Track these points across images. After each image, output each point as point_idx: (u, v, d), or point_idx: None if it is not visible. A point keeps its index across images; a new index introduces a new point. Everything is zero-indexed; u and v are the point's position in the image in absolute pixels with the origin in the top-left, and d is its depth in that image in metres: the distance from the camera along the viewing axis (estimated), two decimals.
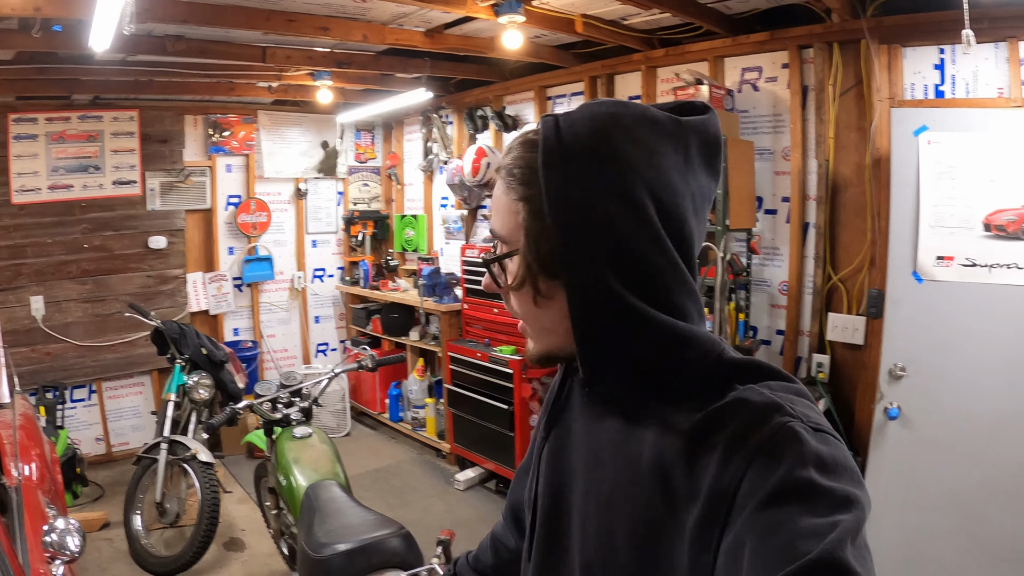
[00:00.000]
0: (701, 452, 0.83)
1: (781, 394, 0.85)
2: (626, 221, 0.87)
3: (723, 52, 4.52)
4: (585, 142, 0.89)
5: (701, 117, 0.94)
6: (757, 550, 0.72)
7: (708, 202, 0.96)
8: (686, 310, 0.92)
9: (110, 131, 6.01)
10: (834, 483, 0.74)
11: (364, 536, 2.70)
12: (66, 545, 2.22)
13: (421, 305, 6.11)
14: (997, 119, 3.43)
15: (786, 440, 0.78)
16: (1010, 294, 3.43)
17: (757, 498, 0.75)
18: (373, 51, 5.31)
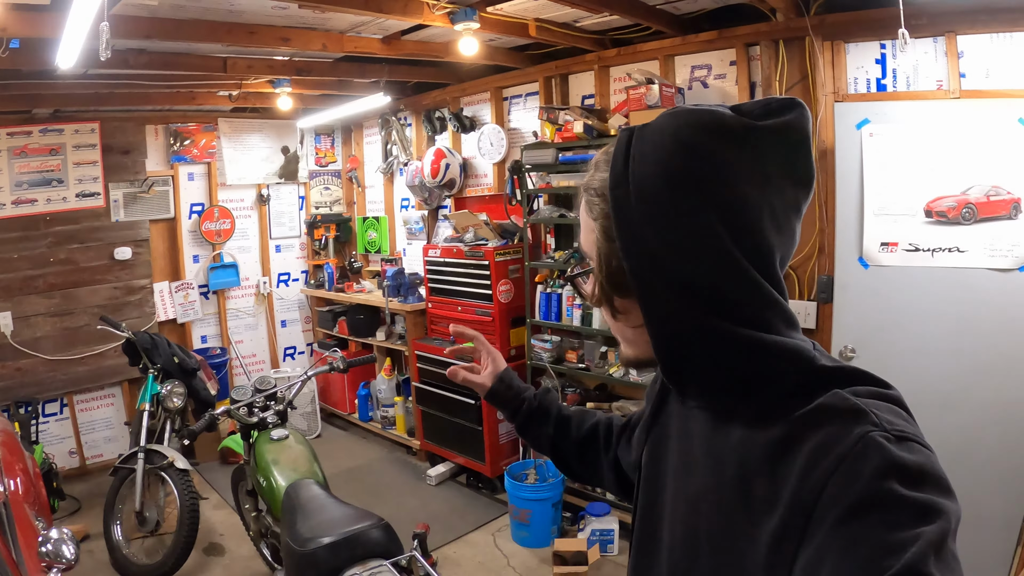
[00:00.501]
0: (783, 461, 0.81)
1: (867, 400, 0.81)
2: (697, 248, 0.86)
3: (673, 51, 4.60)
4: (652, 164, 0.88)
5: (780, 119, 0.89)
6: (838, 565, 0.70)
7: (794, 211, 0.92)
8: (769, 323, 0.89)
9: (72, 144, 5.92)
10: (918, 493, 0.72)
11: (346, 529, 2.76)
12: (62, 554, 2.25)
13: (386, 305, 6.13)
14: (936, 111, 3.55)
15: (868, 451, 0.75)
16: (952, 276, 3.56)
17: (837, 512, 0.73)
18: (332, 58, 5.31)
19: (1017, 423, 3.54)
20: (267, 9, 4.01)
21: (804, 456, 0.79)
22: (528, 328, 5.14)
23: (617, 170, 0.90)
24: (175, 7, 3.86)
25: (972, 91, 3.54)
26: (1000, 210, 3.44)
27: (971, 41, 3.54)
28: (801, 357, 0.88)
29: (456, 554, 4.62)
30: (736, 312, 0.88)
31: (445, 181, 5.90)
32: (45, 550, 2.26)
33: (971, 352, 3.58)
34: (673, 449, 1.06)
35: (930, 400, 3.64)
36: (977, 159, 3.45)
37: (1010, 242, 3.45)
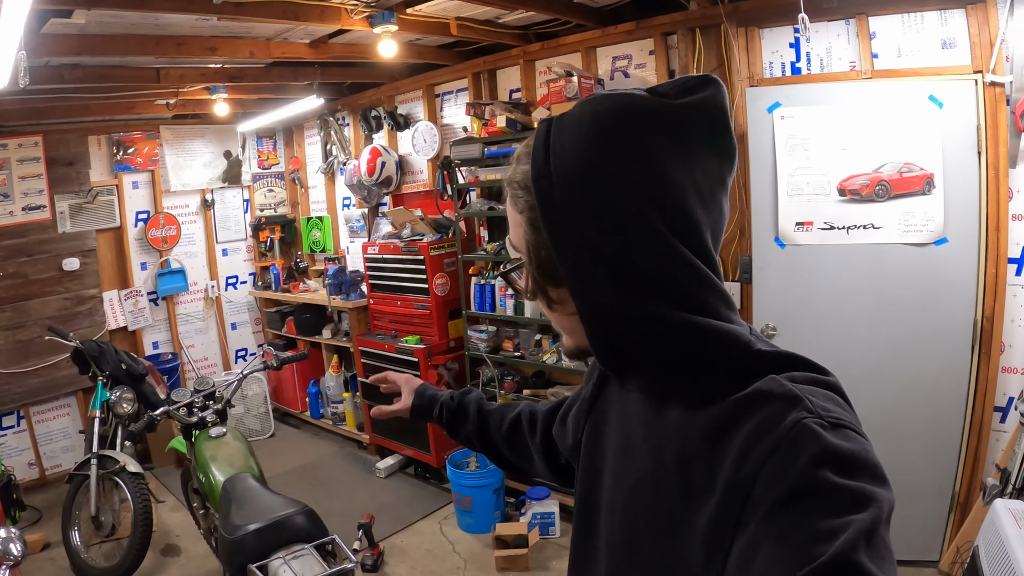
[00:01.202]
0: (719, 445, 0.78)
1: (803, 386, 0.78)
2: (624, 232, 0.81)
3: (594, 43, 4.46)
4: (572, 152, 0.82)
5: (697, 96, 0.84)
6: (771, 553, 0.68)
7: (720, 185, 0.86)
8: (705, 302, 0.84)
9: (16, 158, 5.63)
10: (851, 481, 0.69)
11: (271, 515, 2.78)
12: (9, 551, 2.34)
13: (329, 303, 5.94)
14: (848, 91, 3.47)
15: (802, 438, 0.71)
16: (868, 252, 3.49)
17: (771, 499, 0.70)
18: (263, 64, 5.11)
19: (940, 394, 3.49)
20: (191, 21, 3.90)
21: (739, 441, 0.75)
22: (464, 319, 5.00)
23: (538, 161, 0.85)
24: (102, 24, 3.74)
25: (884, 71, 3.46)
26: (913, 186, 3.36)
27: (883, 22, 3.46)
28: (738, 341, 0.83)
29: (403, 543, 4.48)
30: (670, 294, 0.83)
31: (382, 179, 5.72)
32: None
33: (890, 326, 3.52)
34: (612, 434, 1.02)
35: (853, 374, 3.51)
36: (890, 137, 3.38)
37: (924, 217, 3.38)
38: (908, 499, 3.53)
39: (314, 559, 2.64)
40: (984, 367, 3.43)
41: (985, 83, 3.19)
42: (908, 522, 3.54)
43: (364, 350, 5.61)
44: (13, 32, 2.81)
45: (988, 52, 3.17)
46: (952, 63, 3.29)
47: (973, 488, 3.51)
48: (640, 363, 0.88)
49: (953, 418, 3.49)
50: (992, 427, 3.47)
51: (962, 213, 3.32)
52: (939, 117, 3.27)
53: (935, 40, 3.32)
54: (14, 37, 2.86)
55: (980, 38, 3.18)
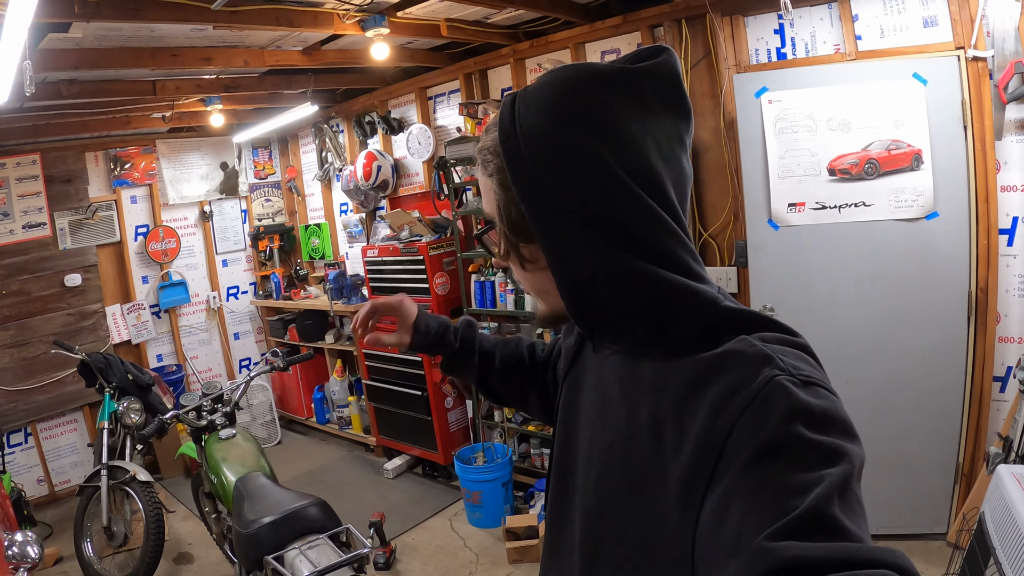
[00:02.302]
0: (691, 405, 0.79)
1: (774, 346, 0.79)
2: (587, 178, 0.84)
3: (583, 39, 4.51)
4: (536, 112, 0.86)
5: (652, 61, 0.88)
6: (745, 507, 0.68)
7: (678, 142, 0.89)
8: (678, 257, 0.87)
9: (14, 177, 5.69)
10: (822, 437, 0.70)
11: (285, 508, 2.84)
12: (27, 554, 2.40)
13: (331, 308, 5.98)
14: (833, 73, 3.51)
15: (774, 394, 0.73)
16: (860, 230, 3.54)
17: (745, 455, 0.71)
18: (257, 73, 5.16)
19: (939, 367, 3.53)
20: (187, 32, 3.95)
21: (711, 399, 0.76)
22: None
23: (505, 124, 0.89)
24: (98, 37, 3.80)
25: (868, 52, 3.52)
26: (902, 163, 3.41)
27: (865, 4, 3.51)
28: (705, 296, 0.86)
29: (415, 540, 4.51)
30: (637, 243, 0.85)
31: (378, 183, 5.77)
32: (12, 552, 2.39)
33: (886, 301, 3.56)
34: (587, 397, 1.03)
35: (850, 351, 3.62)
36: (877, 116, 3.42)
37: (914, 192, 3.42)
38: (912, 473, 3.58)
39: (330, 548, 2.68)
40: (981, 338, 3.47)
41: (967, 59, 3.24)
42: (913, 496, 3.59)
43: (368, 352, 5.65)
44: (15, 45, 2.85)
45: (969, 28, 3.22)
46: (935, 41, 3.34)
47: (977, 459, 3.54)
48: (610, 319, 0.91)
49: (953, 390, 3.53)
50: (992, 397, 3.52)
51: (951, 187, 3.37)
52: (924, 94, 3.32)
53: (917, 19, 3.37)
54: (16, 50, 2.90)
55: (961, 15, 3.23)
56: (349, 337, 6.14)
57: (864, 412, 3.57)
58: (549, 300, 0.98)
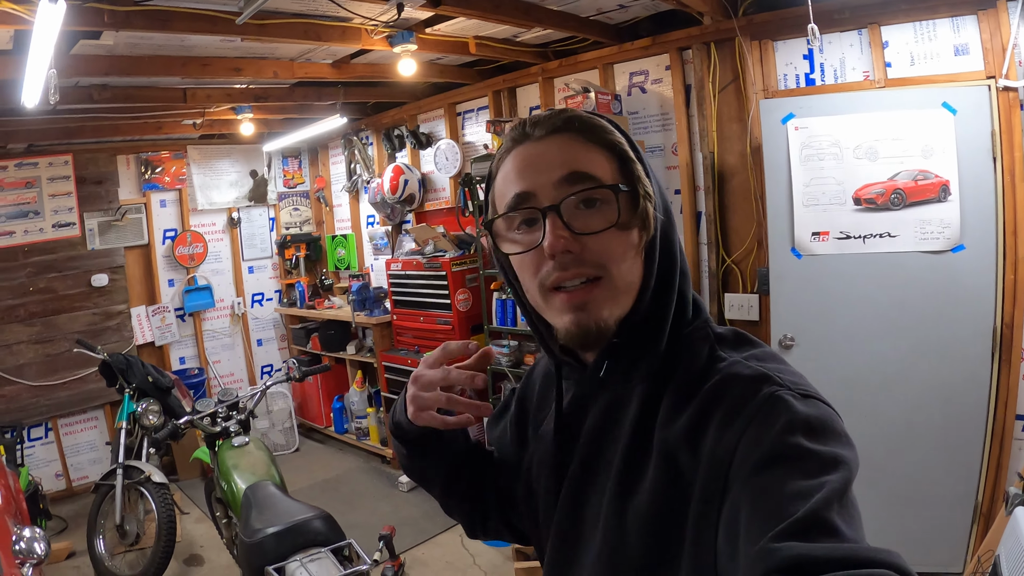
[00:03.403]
0: (698, 432, 0.82)
1: (768, 364, 0.85)
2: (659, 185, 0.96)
3: (611, 59, 4.51)
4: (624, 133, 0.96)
5: None
6: (750, 515, 0.71)
7: None
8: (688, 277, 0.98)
9: (46, 176, 5.81)
10: (822, 446, 0.74)
11: (290, 519, 2.84)
12: (33, 550, 2.44)
13: (353, 319, 6.00)
14: (861, 101, 3.46)
15: (775, 408, 0.77)
16: (885, 261, 3.47)
17: (749, 465, 0.74)
18: (287, 84, 5.21)
19: (961, 403, 3.44)
20: (216, 43, 4.01)
21: (717, 423, 0.80)
22: (487, 334, 5.01)
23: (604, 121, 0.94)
24: (129, 45, 3.86)
25: (898, 79, 3.47)
26: (928, 193, 3.35)
27: (895, 31, 3.47)
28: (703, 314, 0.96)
29: (425, 555, 4.49)
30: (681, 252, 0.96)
31: (404, 197, 5.79)
32: (19, 547, 2.44)
33: (909, 335, 3.48)
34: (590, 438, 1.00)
35: (870, 383, 3.55)
36: (904, 145, 3.37)
37: (941, 224, 3.36)
38: (929, 509, 3.49)
39: (330, 562, 2.67)
40: (1005, 375, 3.38)
41: (998, 88, 3.18)
42: (930, 532, 3.50)
43: (388, 365, 5.66)
44: (44, 53, 2.93)
45: (1001, 57, 3.16)
46: (965, 69, 3.28)
47: (996, 498, 3.45)
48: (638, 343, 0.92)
49: (974, 427, 3.43)
50: (1014, 436, 3.42)
51: (979, 219, 3.30)
52: (953, 124, 3.26)
53: (948, 47, 3.32)
54: (45, 58, 2.99)
55: (992, 43, 3.18)
56: (370, 348, 6.15)
57: (883, 445, 3.50)
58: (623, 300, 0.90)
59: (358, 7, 3.57)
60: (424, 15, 3.82)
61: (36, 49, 2.94)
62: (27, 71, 3.23)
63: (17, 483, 3.87)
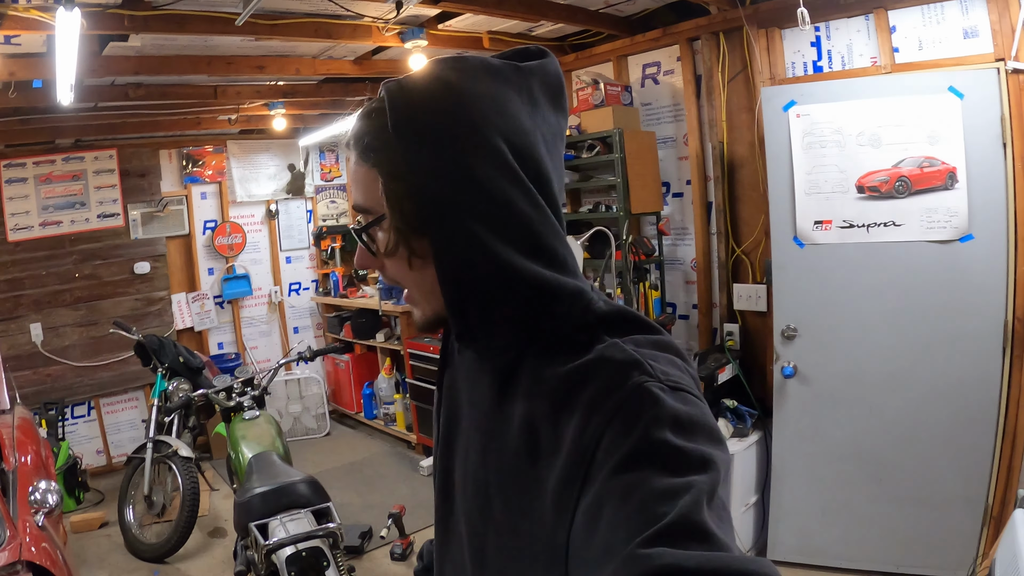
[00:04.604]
0: (564, 410, 0.78)
1: (645, 350, 0.79)
2: (484, 168, 0.80)
3: (624, 51, 4.41)
4: (431, 100, 0.82)
5: (540, 61, 0.88)
6: (615, 512, 0.67)
7: (559, 139, 0.89)
8: (558, 255, 0.84)
9: (92, 170, 5.98)
10: (689, 443, 0.70)
11: (276, 481, 2.95)
12: (46, 500, 2.64)
13: (380, 307, 6.01)
14: (864, 87, 3.31)
15: (643, 400, 0.72)
16: (889, 251, 3.31)
17: (614, 460, 0.70)
18: (314, 81, 5.24)
19: (970, 400, 3.25)
20: (237, 42, 4.08)
21: (583, 405, 0.75)
22: None
23: (399, 109, 0.82)
24: (156, 46, 3.97)
25: (906, 64, 3.32)
26: (935, 181, 3.17)
27: (902, 15, 3.32)
28: (581, 299, 0.85)
29: None
30: (524, 238, 0.82)
31: None
32: (33, 498, 2.62)
33: (914, 327, 3.31)
34: (463, 404, 0.99)
35: (875, 378, 3.39)
36: (909, 132, 3.20)
37: (947, 213, 3.18)
38: (936, 511, 3.31)
39: (307, 521, 2.76)
40: (1017, 371, 3.18)
41: (1008, 71, 2.99)
42: (937, 535, 3.32)
43: (412, 352, 5.65)
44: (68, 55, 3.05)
45: (1010, 39, 2.99)
46: (974, 52, 3.11)
47: (1008, 501, 3.25)
48: (489, 318, 0.86)
49: (984, 426, 3.23)
50: None
51: (988, 208, 3.11)
52: (960, 108, 3.07)
53: (956, 30, 3.15)
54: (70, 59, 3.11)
55: (1001, 24, 3.00)
56: (399, 336, 6.14)
57: (887, 443, 3.34)
58: (432, 301, 0.90)
59: (363, 7, 3.61)
60: (432, 12, 3.80)
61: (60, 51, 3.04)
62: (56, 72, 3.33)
63: (48, 451, 4.00)
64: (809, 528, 3.58)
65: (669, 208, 4.38)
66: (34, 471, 3.38)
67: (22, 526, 2.45)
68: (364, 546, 4.30)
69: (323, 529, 2.68)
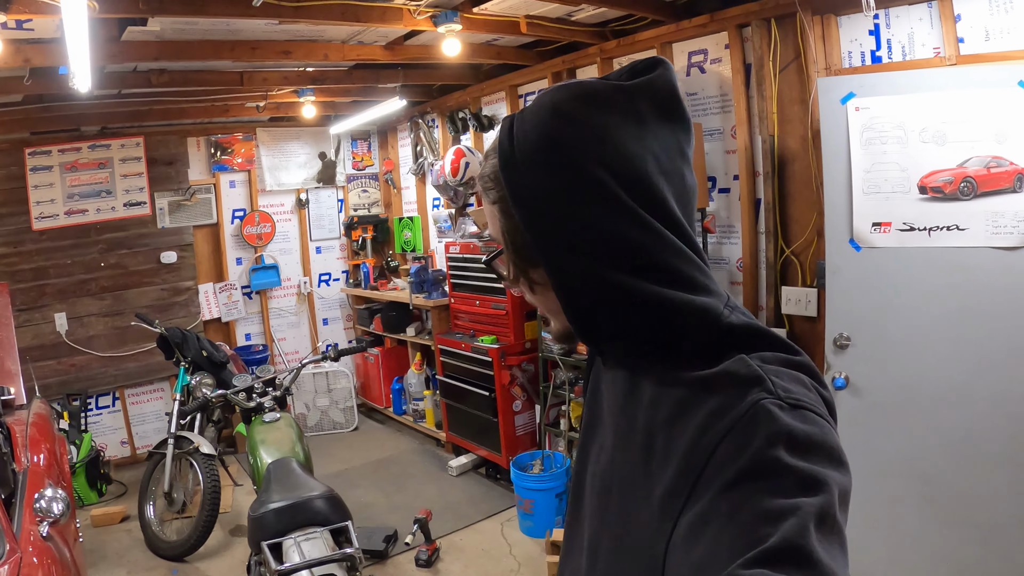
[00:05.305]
0: (680, 421, 0.79)
1: (770, 366, 0.79)
2: (585, 201, 0.83)
3: (669, 38, 4.24)
4: (532, 137, 0.85)
5: (647, 76, 0.87)
6: (719, 530, 0.68)
7: (678, 153, 0.88)
8: (682, 273, 0.85)
9: (118, 157, 5.99)
10: (802, 463, 0.69)
11: (293, 497, 2.82)
12: (51, 510, 2.54)
13: (411, 301, 5.93)
14: (928, 79, 3.09)
15: (758, 418, 0.72)
16: (951, 256, 3.10)
17: (724, 478, 0.71)
18: (345, 66, 5.15)
19: None
20: (261, 26, 3.96)
21: (699, 419, 0.77)
22: (540, 321, 4.86)
23: (504, 151, 0.88)
24: (176, 30, 3.87)
25: (970, 56, 3.09)
26: (1002, 183, 2.97)
27: (968, 3, 3.09)
28: (707, 315, 0.84)
29: (462, 541, 4.40)
30: (639, 263, 0.83)
31: (465, 179, 5.64)
32: (38, 506, 2.54)
33: (974, 339, 3.10)
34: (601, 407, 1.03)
35: (930, 393, 3.20)
36: (976, 129, 2.98)
37: (1015, 218, 2.97)
38: (990, 534, 3.11)
39: (323, 542, 2.64)
40: None
41: None
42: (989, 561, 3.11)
43: (443, 348, 5.57)
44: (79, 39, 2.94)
45: None
46: None
47: None
48: (615, 338, 0.90)
49: None
50: None
51: None
52: None
53: None
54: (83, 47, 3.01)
55: None
56: (429, 331, 6.07)
57: (941, 461, 3.16)
58: (561, 319, 0.94)
59: None
60: None
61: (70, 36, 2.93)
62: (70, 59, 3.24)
63: (63, 448, 4.01)
64: (853, 547, 3.39)
65: (715, 204, 4.23)
66: (47, 471, 3.37)
67: (24, 538, 2.40)
68: (388, 550, 4.24)
69: (340, 554, 2.56)
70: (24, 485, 2.89)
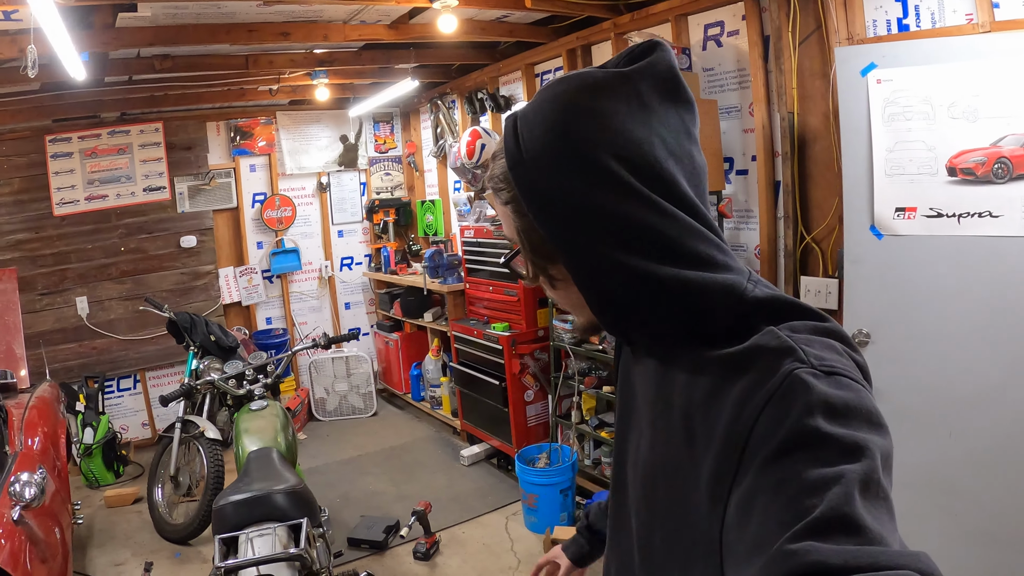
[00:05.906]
0: (717, 401, 0.78)
1: (800, 335, 0.77)
2: (595, 191, 0.82)
3: (684, 10, 3.90)
4: (538, 133, 0.84)
5: (646, 60, 0.86)
6: (766, 506, 0.66)
7: (684, 134, 0.86)
8: (701, 253, 0.83)
9: (138, 143, 5.92)
10: (842, 429, 0.67)
11: (254, 490, 2.67)
12: (23, 494, 2.55)
13: (425, 286, 5.72)
14: (958, 48, 2.72)
15: (794, 388, 0.70)
16: (984, 246, 2.73)
17: (765, 452, 0.69)
18: (354, 47, 4.92)
19: None
20: (253, 8, 3.82)
21: (735, 396, 0.75)
22: (551, 309, 4.59)
23: (511, 150, 0.87)
24: (169, 15, 3.75)
25: (1006, 22, 2.72)
26: None
27: None
28: (732, 292, 0.83)
29: (465, 534, 4.21)
30: (653, 246, 0.82)
31: (482, 162, 5.38)
32: (12, 490, 2.55)
33: (1008, 339, 2.73)
34: (633, 398, 1.01)
35: (958, 395, 2.85)
36: (1011, 104, 2.60)
37: None
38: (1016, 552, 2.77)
39: (276, 539, 2.48)
40: None
41: None
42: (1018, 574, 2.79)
43: (457, 335, 5.35)
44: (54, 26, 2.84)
45: None
46: None
47: None
48: (641, 325, 0.89)
49: None
50: None
51: None
52: None
53: None
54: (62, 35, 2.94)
55: None
56: (446, 317, 5.85)
57: (967, 471, 2.81)
58: (584, 313, 0.94)
59: None
60: None
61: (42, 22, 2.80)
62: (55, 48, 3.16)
63: (64, 432, 3.98)
64: None
65: (732, 187, 3.89)
66: (41, 455, 3.34)
67: None
68: (388, 541, 4.06)
69: (284, 554, 2.36)
70: (11, 468, 2.83)
